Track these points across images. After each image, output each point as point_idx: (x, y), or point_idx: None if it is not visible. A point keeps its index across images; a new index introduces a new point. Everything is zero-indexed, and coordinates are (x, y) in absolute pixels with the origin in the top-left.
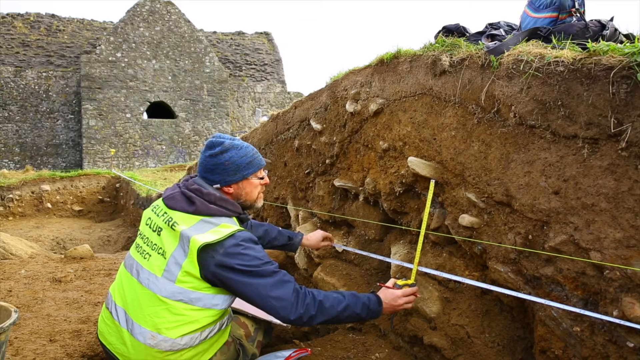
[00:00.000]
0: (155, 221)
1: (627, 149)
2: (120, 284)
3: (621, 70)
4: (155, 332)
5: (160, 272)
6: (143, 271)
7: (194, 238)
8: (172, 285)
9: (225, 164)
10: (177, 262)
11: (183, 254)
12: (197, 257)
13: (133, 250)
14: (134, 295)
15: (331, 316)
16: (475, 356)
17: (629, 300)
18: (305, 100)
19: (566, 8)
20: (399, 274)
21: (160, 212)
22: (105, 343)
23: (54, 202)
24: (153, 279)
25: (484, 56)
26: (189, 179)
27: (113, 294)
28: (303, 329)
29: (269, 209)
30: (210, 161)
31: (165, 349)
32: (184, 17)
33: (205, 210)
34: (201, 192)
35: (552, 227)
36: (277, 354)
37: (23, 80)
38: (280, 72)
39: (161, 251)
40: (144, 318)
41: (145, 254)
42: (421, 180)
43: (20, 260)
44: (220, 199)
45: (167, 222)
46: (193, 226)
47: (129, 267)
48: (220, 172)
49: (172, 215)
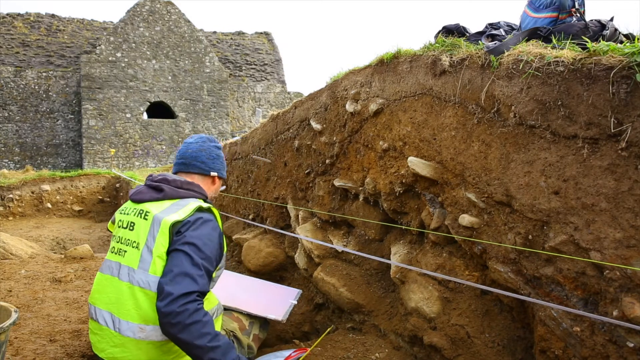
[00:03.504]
0: (126, 219)
1: (627, 149)
2: (100, 289)
3: (621, 70)
4: (142, 324)
5: (136, 264)
6: (122, 267)
7: (165, 219)
8: (147, 275)
9: (222, 157)
10: (150, 250)
11: (153, 240)
12: (168, 235)
13: (109, 255)
14: (117, 294)
15: (197, 343)
16: (475, 356)
17: (629, 300)
18: (305, 100)
19: (566, 8)
20: (399, 273)
21: (130, 210)
22: (99, 353)
23: (54, 202)
24: (131, 272)
25: (484, 56)
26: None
27: (94, 302)
28: (303, 328)
29: (269, 209)
30: (215, 151)
31: (158, 338)
32: (184, 17)
33: (174, 194)
34: (167, 180)
35: (552, 227)
36: (277, 354)
37: (23, 80)
38: (280, 72)
39: (135, 244)
40: (129, 313)
41: (121, 252)
42: (421, 180)
43: (20, 260)
44: (186, 183)
45: (138, 215)
46: (164, 210)
47: (107, 269)
48: (221, 162)
49: (142, 207)
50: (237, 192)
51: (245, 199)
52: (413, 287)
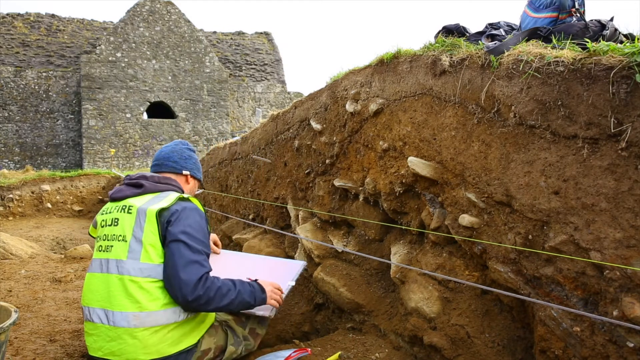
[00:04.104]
0: (109, 217)
1: (627, 149)
2: (91, 288)
3: (621, 70)
4: (136, 312)
5: (125, 255)
6: (110, 262)
7: (150, 208)
8: (138, 263)
9: (196, 159)
10: (138, 240)
11: (140, 231)
12: (156, 223)
13: (95, 254)
14: (107, 289)
15: (226, 302)
16: (475, 356)
17: (629, 300)
18: (305, 100)
19: (566, 8)
20: (399, 273)
21: (111, 208)
22: (95, 354)
23: (54, 202)
24: (121, 263)
25: (484, 56)
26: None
27: (87, 303)
28: (303, 328)
29: (269, 209)
30: (187, 152)
31: (151, 324)
32: (184, 17)
33: (153, 188)
34: (145, 177)
35: (552, 227)
36: (277, 354)
37: (23, 80)
38: (280, 72)
39: (121, 237)
40: (122, 303)
41: (108, 248)
42: (421, 180)
43: (20, 260)
44: (164, 178)
45: (121, 210)
46: (147, 202)
47: (96, 268)
48: (194, 163)
49: (124, 203)
50: (237, 192)
51: (245, 199)
52: (413, 287)
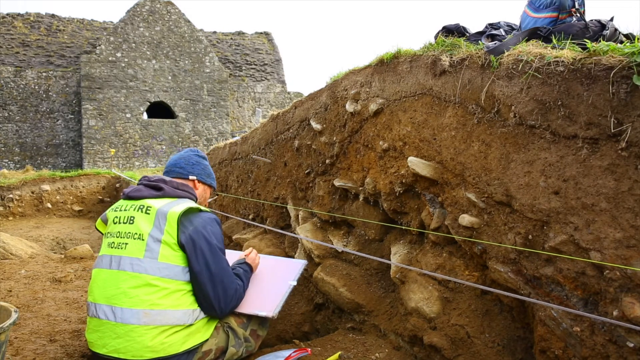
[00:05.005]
0: (124, 214)
1: (627, 149)
2: (100, 284)
3: (621, 70)
4: (147, 309)
5: (142, 253)
6: (124, 259)
7: (172, 210)
8: (156, 262)
9: (205, 166)
10: (157, 240)
11: (159, 231)
12: (177, 224)
13: (105, 250)
14: (118, 287)
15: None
16: (475, 356)
17: (629, 300)
18: (305, 100)
19: (566, 8)
20: (399, 273)
21: (127, 206)
22: (98, 351)
23: (54, 202)
24: (136, 261)
25: (484, 56)
26: (144, 178)
27: (93, 300)
28: (303, 328)
29: (269, 209)
30: (194, 158)
31: (161, 322)
32: (184, 17)
33: (172, 193)
34: (164, 181)
35: (552, 227)
36: (277, 354)
37: (23, 80)
38: (280, 72)
39: (137, 236)
40: (133, 301)
41: (121, 245)
42: (421, 180)
43: (20, 260)
44: (182, 185)
45: (139, 209)
46: (165, 205)
47: (106, 264)
48: (203, 169)
49: (141, 202)
50: (237, 192)
51: (245, 199)
52: (413, 287)
